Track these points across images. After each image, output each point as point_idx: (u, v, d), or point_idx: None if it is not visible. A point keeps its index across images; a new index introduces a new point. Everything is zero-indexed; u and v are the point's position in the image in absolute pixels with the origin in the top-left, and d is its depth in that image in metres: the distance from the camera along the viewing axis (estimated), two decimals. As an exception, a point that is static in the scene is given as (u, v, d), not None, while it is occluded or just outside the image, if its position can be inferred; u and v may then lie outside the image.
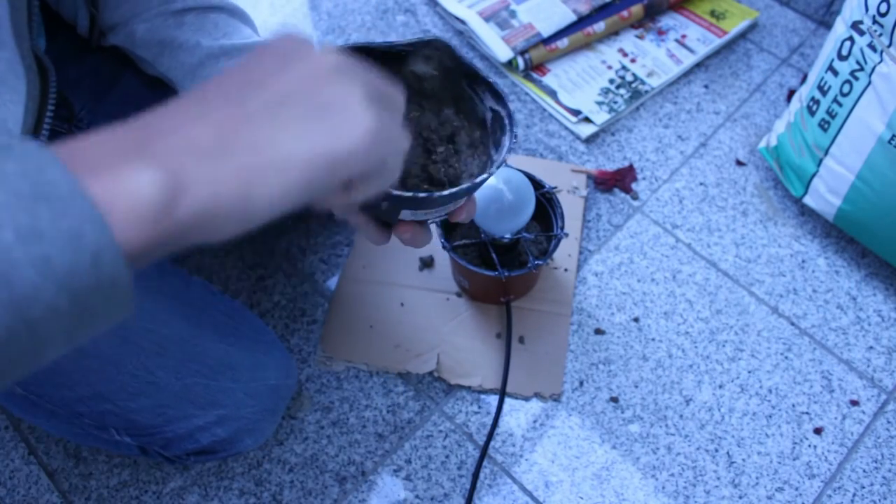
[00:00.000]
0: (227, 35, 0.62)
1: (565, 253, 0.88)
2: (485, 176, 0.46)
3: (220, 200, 0.27)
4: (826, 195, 0.85)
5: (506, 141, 0.48)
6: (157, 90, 0.68)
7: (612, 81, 1.04)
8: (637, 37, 1.09)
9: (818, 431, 0.78)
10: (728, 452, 0.77)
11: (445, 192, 0.44)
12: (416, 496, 0.75)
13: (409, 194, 0.43)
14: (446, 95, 0.52)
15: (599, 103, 1.01)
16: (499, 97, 0.49)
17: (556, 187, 0.78)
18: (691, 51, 1.07)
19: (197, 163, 0.27)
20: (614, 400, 0.80)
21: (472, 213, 0.52)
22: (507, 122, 0.48)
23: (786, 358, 0.82)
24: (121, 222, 0.25)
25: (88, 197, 0.24)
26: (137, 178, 0.26)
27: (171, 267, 0.70)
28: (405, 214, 0.47)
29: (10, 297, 0.23)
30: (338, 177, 0.31)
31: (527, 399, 0.80)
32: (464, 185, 0.45)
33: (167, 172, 0.26)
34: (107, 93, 0.69)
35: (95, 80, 0.69)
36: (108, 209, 0.25)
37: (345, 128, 0.30)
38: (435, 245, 0.87)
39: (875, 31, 0.74)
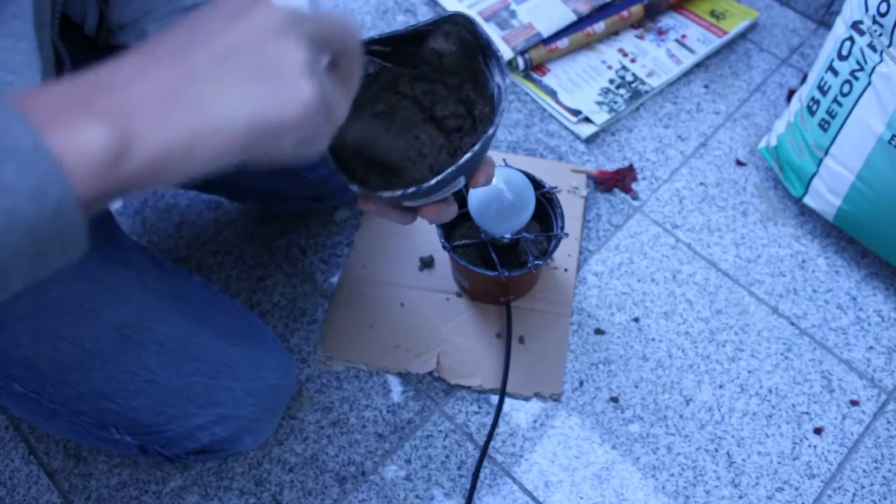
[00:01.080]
0: None
1: (565, 253, 0.88)
2: (489, 133, 0.47)
3: (164, 155, 0.29)
4: (826, 195, 0.85)
5: (501, 109, 0.49)
6: None
7: (612, 81, 1.04)
8: (637, 37, 1.09)
9: (818, 431, 0.78)
10: (728, 452, 0.77)
11: (451, 168, 0.45)
12: (416, 496, 0.75)
13: (413, 189, 0.44)
14: (465, 71, 0.52)
15: (599, 103, 1.01)
16: (503, 72, 0.49)
17: (556, 187, 0.78)
18: (691, 51, 1.07)
19: (143, 119, 0.29)
20: (614, 400, 0.80)
21: (491, 174, 0.51)
22: (503, 94, 0.49)
23: (786, 358, 0.82)
24: (74, 175, 0.27)
25: (51, 156, 0.26)
26: (88, 132, 0.27)
27: (171, 266, 0.70)
28: (427, 200, 0.48)
29: None
30: (275, 143, 0.32)
31: (527, 399, 0.80)
32: (465, 156, 0.46)
33: (115, 128, 0.28)
34: None
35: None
36: (63, 163, 0.27)
37: (285, 95, 0.31)
38: (435, 245, 0.87)
39: (875, 31, 0.74)
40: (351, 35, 0.36)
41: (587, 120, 1.00)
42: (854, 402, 0.79)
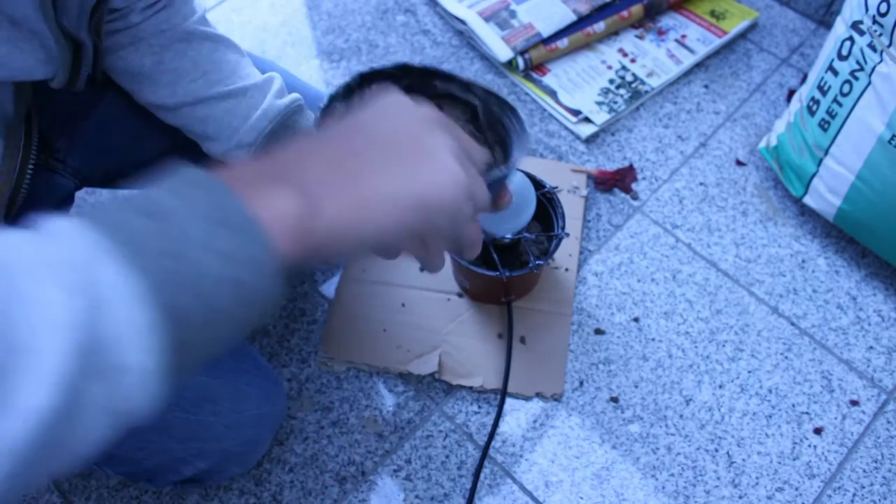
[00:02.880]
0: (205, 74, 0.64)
1: (566, 253, 0.88)
2: (512, 162, 0.47)
3: (342, 223, 0.32)
4: (826, 195, 0.85)
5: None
6: (142, 115, 0.67)
7: (612, 81, 1.04)
8: (637, 37, 1.09)
9: (818, 431, 0.78)
10: (728, 452, 0.77)
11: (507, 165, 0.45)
12: (416, 496, 0.75)
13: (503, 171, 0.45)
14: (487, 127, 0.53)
15: (599, 103, 1.01)
16: (521, 123, 0.49)
17: (556, 187, 0.78)
18: (691, 51, 1.07)
19: (323, 190, 0.32)
20: (614, 400, 0.80)
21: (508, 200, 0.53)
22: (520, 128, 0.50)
23: (786, 358, 0.82)
24: (277, 241, 0.30)
25: (264, 229, 0.29)
26: (284, 199, 0.31)
27: None
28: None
29: (210, 311, 0.28)
30: (431, 217, 0.35)
31: (528, 399, 0.80)
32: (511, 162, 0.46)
33: (304, 196, 0.31)
34: (84, 120, 0.68)
35: (71, 108, 0.68)
36: (270, 232, 0.29)
37: (438, 177, 0.35)
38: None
39: (875, 31, 0.74)
40: (480, 150, 0.40)
41: (587, 120, 1.00)
42: (854, 402, 0.79)
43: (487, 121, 0.51)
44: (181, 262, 0.27)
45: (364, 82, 0.48)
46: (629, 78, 1.04)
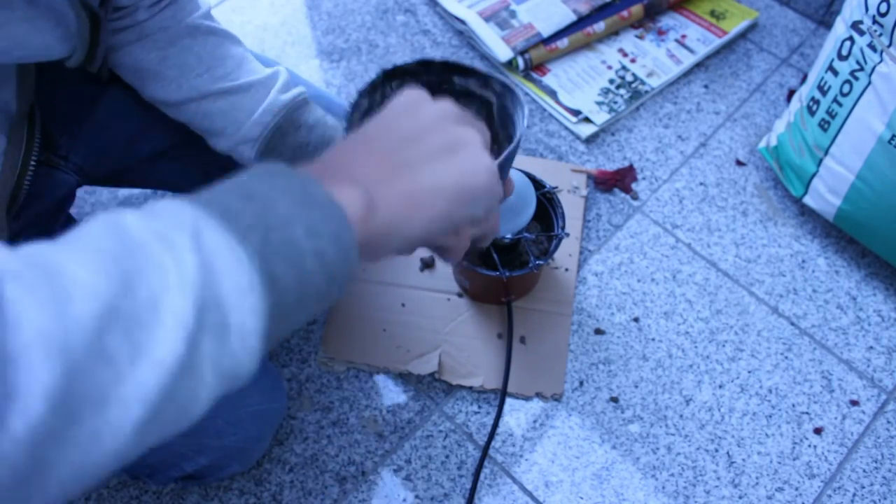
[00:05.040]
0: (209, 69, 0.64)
1: (566, 253, 0.88)
2: (513, 146, 0.48)
3: (394, 218, 0.34)
4: (826, 195, 0.85)
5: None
6: (145, 112, 0.67)
7: (612, 81, 1.04)
8: (637, 37, 1.09)
9: (818, 431, 0.78)
10: (728, 452, 0.77)
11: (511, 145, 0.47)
12: (416, 496, 0.75)
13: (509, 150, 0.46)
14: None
15: (599, 103, 1.01)
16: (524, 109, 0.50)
17: (556, 187, 0.78)
18: (691, 51, 1.07)
19: (375, 187, 0.34)
20: (614, 400, 0.80)
21: (512, 188, 0.55)
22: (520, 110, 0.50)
23: (786, 358, 0.82)
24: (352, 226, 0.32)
25: (342, 207, 0.31)
26: (350, 192, 0.33)
27: None
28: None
29: (299, 279, 0.30)
30: (471, 205, 0.36)
31: (528, 399, 0.80)
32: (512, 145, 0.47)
33: (364, 191, 0.33)
34: (87, 116, 0.68)
35: (74, 105, 0.68)
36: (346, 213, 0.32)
37: (474, 166, 0.36)
38: (435, 245, 0.87)
39: (875, 31, 0.74)
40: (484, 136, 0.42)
41: (587, 120, 1.00)
42: (854, 402, 0.79)
43: (500, 117, 0.52)
44: (275, 233, 0.29)
45: (387, 79, 0.49)
46: (629, 78, 1.04)
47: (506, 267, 0.74)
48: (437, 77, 0.51)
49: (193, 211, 0.28)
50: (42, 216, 0.65)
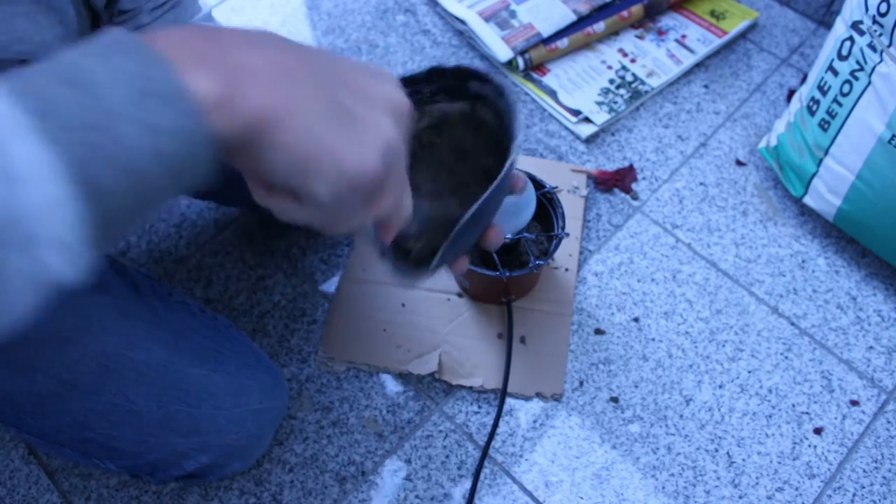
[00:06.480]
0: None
1: (566, 253, 0.88)
2: (493, 186, 0.45)
3: (264, 116, 0.30)
4: (826, 195, 0.85)
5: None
6: None
7: (612, 81, 1.04)
8: (637, 37, 1.09)
9: (818, 431, 0.78)
10: (728, 452, 0.77)
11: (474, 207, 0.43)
12: (416, 496, 0.75)
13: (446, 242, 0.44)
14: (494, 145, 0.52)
15: (599, 103, 1.01)
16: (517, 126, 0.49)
17: (556, 187, 0.78)
18: (691, 51, 1.07)
19: (248, 84, 0.30)
20: (614, 400, 0.80)
21: (500, 237, 0.53)
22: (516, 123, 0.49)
23: (786, 358, 0.82)
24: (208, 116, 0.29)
25: (192, 99, 0.28)
26: (207, 80, 0.29)
27: (149, 286, 0.67)
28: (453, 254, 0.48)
29: (131, 182, 0.28)
30: (324, 180, 0.33)
31: (528, 399, 0.80)
32: (478, 202, 0.44)
33: (226, 80, 0.30)
34: None
35: None
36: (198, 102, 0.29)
37: (358, 150, 0.33)
38: (435, 245, 0.87)
39: (875, 31, 0.74)
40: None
41: (587, 120, 1.00)
42: (854, 402, 0.79)
43: (507, 131, 0.50)
44: (104, 135, 0.27)
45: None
46: (629, 78, 1.04)
47: (506, 267, 0.74)
48: (451, 83, 0.49)
49: (6, 107, 0.25)
50: None
